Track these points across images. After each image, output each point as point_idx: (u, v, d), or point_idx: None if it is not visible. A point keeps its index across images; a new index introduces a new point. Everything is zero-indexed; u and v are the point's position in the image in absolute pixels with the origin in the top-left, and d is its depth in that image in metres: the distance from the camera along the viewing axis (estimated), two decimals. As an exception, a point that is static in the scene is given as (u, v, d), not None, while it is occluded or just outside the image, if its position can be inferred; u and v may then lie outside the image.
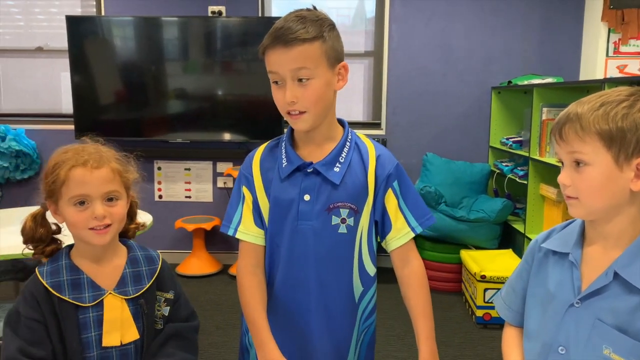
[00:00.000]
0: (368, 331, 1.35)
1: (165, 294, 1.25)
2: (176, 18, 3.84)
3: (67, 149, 1.18)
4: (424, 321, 1.25)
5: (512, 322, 1.18)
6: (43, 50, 4.17)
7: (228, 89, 3.93)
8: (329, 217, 1.22)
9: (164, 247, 4.14)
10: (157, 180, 4.17)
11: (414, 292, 1.27)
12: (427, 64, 4.01)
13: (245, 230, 1.27)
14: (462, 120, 4.06)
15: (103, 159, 1.18)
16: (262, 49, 1.18)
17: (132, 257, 1.25)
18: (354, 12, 4.15)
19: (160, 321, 1.23)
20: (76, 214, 1.14)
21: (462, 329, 3.10)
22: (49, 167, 1.16)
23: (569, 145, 0.96)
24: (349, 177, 1.23)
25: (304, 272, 1.24)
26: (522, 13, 3.93)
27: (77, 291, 1.14)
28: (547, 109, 3.18)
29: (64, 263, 1.17)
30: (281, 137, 1.30)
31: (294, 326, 1.27)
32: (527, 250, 1.15)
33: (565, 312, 1.00)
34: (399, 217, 1.27)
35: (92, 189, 1.14)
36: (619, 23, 3.70)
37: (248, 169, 1.29)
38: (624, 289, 0.94)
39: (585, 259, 1.01)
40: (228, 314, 3.28)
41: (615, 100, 0.93)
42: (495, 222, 3.56)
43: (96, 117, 3.93)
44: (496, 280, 3.07)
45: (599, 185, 0.93)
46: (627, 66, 3.74)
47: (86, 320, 1.14)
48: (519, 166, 3.59)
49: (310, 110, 1.17)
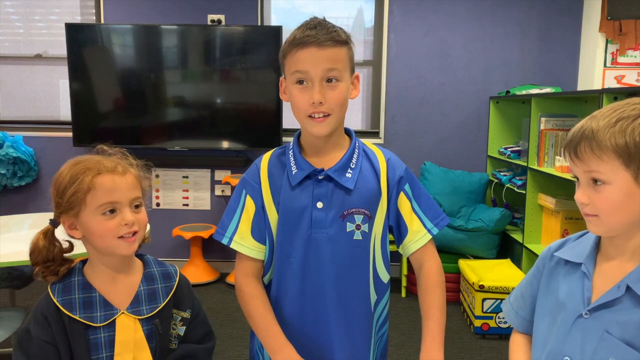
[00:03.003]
0: (382, 340, 1.34)
1: (182, 312, 1.20)
2: (175, 26, 3.85)
3: (78, 161, 1.13)
4: (430, 322, 1.22)
5: (519, 329, 1.17)
6: (42, 58, 4.17)
7: (227, 97, 3.93)
8: (343, 224, 1.20)
9: (161, 255, 4.11)
10: (155, 188, 4.16)
11: (424, 293, 1.25)
12: (425, 74, 4.03)
13: (241, 241, 1.24)
14: (460, 129, 4.07)
15: (127, 165, 1.15)
16: (289, 49, 1.17)
17: (148, 273, 1.19)
18: (353, 22, 4.16)
19: (175, 341, 1.18)
20: (105, 222, 1.09)
21: (460, 339, 3.09)
22: (64, 181, 1.10)
23: (585, 164, 0.93)
24: (362, 182, 1.22)
25: (322, 283, 1.21)
26: (520, 23, 3.96)
27: (88, 310, 1.09)
28: (545, 118, 3.19)
29: (76, 280, 1.12)
30: (287, 145, 1.28)
31: (313, 339, 1.23)
32: (539, 258, 1.13)
33: (573, 323, 0.99)
34: (414, 220, 1.26)
35: (121, 195, 1.11)
36: (617, 34, 3.72)
37: (255, 176, 1.26)
38: (635, 303, 0.93)
39: (598, 271, 1.00)
40: (225, 322, 3.26)
41: (631, 115, 0.90)
42: (493, 232, 3.55)
43: (95, 125, 3.93)
44: (494, 290, 3.06)
45: (618, 203, 0.92)
46: (625, 76, 3.75)
47: (97, 340, 1.09)
48: (517, 176, 3.60)
49: (334, 113, 1.18)
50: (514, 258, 3.54)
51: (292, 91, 1.18)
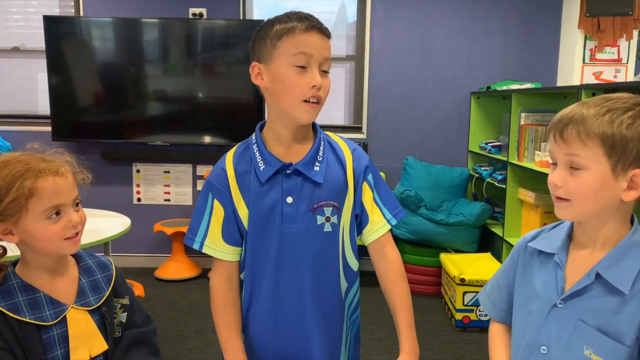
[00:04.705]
0: (354, 326, 1.36)
1: (121, 300, 1.19)
2: (156, 20, 3.81)
3: (6, 162, 1.05)
4: (404, 313, 1.26)
5: (496, 319, 1.19)
6: (19, 51, 4.10)
7: (209, 91, 3.91)
8: (314, 218, 1.21)
9: (142, 250, 4.09)
10: (135, 183, 4.12)
11: (392, 284, 1.28)
12: (408, 69, 4.04)
13: (213, 245, 1.24)
14: (442, 124, 4.09)
15: (65, 164, 1.11)
16: (290, 30, 1.14)
17: (84, 265, 1.18)
18: (336, 17, 4.16)
19: (119, 328, 1.17)
20: (50, 226, 1.06)
21: (441, 332, 3.12)
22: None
23: (568, 147, 0.95)
24: (329, 175, 1.23)
25: (296, 276, 1.22)
26: (501, 20, 3.99)
27: (36, 311, 1.06)
28: (525, 114, 3.23)
29: (14, 283, 1.07)
30: (249, 139, 1.26)
31: (290, 333, 1.24)
32: (514, 248, 1.15)
33: (548, 313, 1.01)
34: (375, 210, 1.28)
35: (64, 197, 1.07)
36: (595, 31, 3.77)
37: (221, 179, 1.22)
38: (606, 290, 0.95)
39: (571, 261, 1.02)
40: (208, 318, 3.24)
41: (622, 108, 0.92)
42: (474, 226, 3.59)
43: (74, 119, 3.87)
44: (475, 284, 3.09)
45: (592, 190, 0.94)
46: (603, 73, 3.81)
47: (50, 339, 1.07)
48: (498, 170, 3.64)
49: (321, 102, 1.18)
50: (495, 252, 3.58)
51: (289, 74, 1.15)
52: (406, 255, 3.66)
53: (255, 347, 1.27)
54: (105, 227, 2.63)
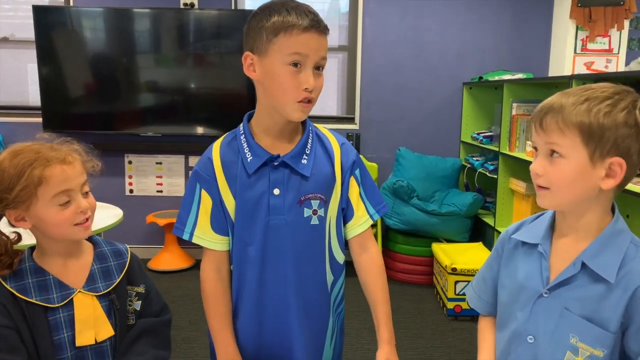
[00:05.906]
0: (339, 318, 1.37)
1: (136, 287, 1.22)
2: (148, 10, 3.78)
3: (17, 152, 1.10)
4: (383, 307, 1.28)
5: (483, 312, 1.21)
6: (9, 41, 4.06)
7: (200, 82, 3.89)
8: (301, 210, 1.21)
9: (135, 242, 4.08)
10: (128, 174, 4.11)
11: (372, 279, 1.29)
12: (400, 59, 4.04)
13: (202, 235, 1.24)
14: (434, 115, 4.10)
15: (72, 152, 1.15)
16: (287, 28, 1.10)
17: (99, 252, 1.21)
18: (328, 7, 4.15)
19: (132, 316, 1.20)
20: (61, 212, 1.10)
21: (433, 321, 3.15)
22: (8, 175, 1.07)
23: (547, 136, 0.96)
24: (317, 168, 1.23)
25: (281, 269, 1.22)
26: (493, 10, 3.99)
27: (44, 292, 1.11)
28: (517, 104, 3.24)
29: (27, 266, 1.12)
30: (237, 130, 1.25)
31: (273, 324, 1.25)
32: (498, 241, 1.16)
33: (534, 302, 1.02)
34: (360, 205, 1.29)
35: (73, 183, 1.12)
36: (587, 21, 3.78)
37: (208, 169, 1.22)
38: (591, 279, 0.97)
39: (554, 250, 1.03)
40: (201, 309, 3.23)
41: (600, 97, 0.93)
42: (465, 216, 3.61)
43: (65, 110, 3.85)
44: (467, 273, 3.12)
45: (571, 178, 0.95)
46: (594, 63, 3.83)
47: (57, 321, 1.11)
48: (489, 161, 3.65)
49: (314, 101, 1.17)
50: (486, 241, 3.61)
51: (283, 72, 1.13)
52: (398, 245, 3.68)
53: (242, 336, 1.28)
54: (97, 219, 2.60)
